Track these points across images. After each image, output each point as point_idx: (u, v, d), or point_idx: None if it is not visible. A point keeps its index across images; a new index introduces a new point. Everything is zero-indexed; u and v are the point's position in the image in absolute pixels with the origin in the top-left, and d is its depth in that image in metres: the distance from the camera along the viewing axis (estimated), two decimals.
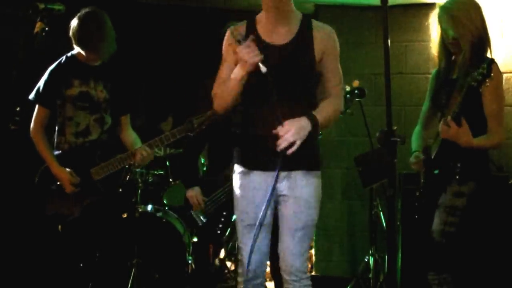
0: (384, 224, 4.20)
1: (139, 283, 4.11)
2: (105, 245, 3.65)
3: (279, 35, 2.67)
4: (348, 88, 3.54)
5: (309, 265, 5.24)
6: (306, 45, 2.66)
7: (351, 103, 3.54)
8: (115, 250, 3.86)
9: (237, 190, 2.73)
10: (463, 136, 2.90)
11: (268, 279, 4.58)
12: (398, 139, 2.61)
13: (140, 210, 4.33)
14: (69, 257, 3.52)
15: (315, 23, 2.74)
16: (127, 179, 4.34)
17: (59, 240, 3.53)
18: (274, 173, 2.58)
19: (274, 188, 2.60)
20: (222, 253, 4.82)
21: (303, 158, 2.61)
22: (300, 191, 2.63)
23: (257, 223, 2.63)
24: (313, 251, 5.19)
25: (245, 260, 2.68)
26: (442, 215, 3.01)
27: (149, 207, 4.48)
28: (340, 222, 5.08)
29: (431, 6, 4.75)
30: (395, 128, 2.65)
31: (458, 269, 3.05)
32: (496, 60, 3.03)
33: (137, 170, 4.34)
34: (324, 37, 2.69)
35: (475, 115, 2.97)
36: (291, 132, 2.49)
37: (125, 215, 4.39)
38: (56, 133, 3.54)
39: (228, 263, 5.01)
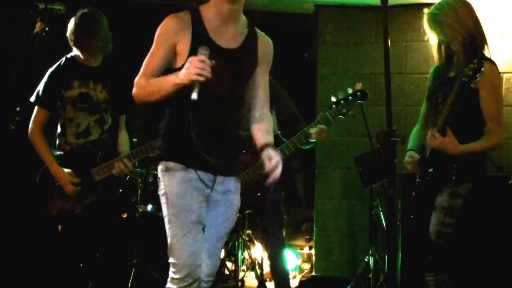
0: (384, 224, 4.20)
1: (139, 283, 4.11)
2: (105, 245, 3.65)
3: (229, 37, 2.54)
4: (350, 91, 3.55)
5: (309, 265, 5.24)
6: (253, 51, 2.59)
7: (353, 105, 3.54)
8: (115, 250, 3.86)
9: (174, 186, 2.50)
10: (449, 145, 2.91)
11: (267, 279, 4.59)
12: (398, 139, 2.61)
13: (140, 210, 4.33)
14: (69, 257, 3.52)
15: (257, 29, 2.64)
16: (127, 179, 4.35)
17: (59, 240, 3.53)
18: (210, 175, 2.53)
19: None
20: (222, 253, 4.83)
21: (235, 164, 2.62)
22: (231, 197, 2.61)
23: (198, 221, 2.50)
24: (313, 251, 5.19)
25: (187, 262, 2.48)
26: (439, 216, 3.01)
27: (149, 207, 4.48)
28: (340, 222, 5.08)
29: (431, 6, 4.74)
30: (395, 128, 2.64)
31: (456, 269, 3.05)
32: (496, 60, 3.03)
33: (137, 170, 4.35)
34: (265, 47, 2.62)
35: (471, 116, 2.98)
36: (279, 170, 2.47)
37: (125, 215, 4.40)
38: (57, 134, 3.54)
39: (228, 263, 5.01)
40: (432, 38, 3.15)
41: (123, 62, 3.59)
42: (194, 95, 2.32)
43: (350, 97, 3.52)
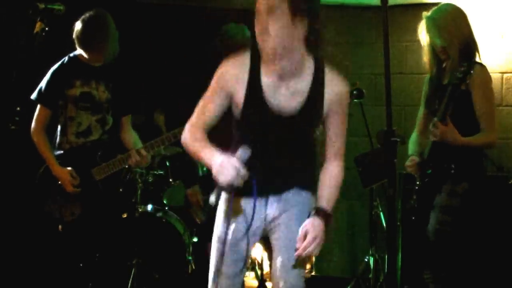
0: (384, 224, 4.20)
1: (139, 283, 4.11)
2: (105, 245, 3.65)
3: (287, 95, 2.26)
4: None
5: (309, 265, 5.24)
6: (318, 106, 2.29)
7: (350, 104, 3.55)
8: (115, 250, 3.86)
9: (220, 214, 2.42)
10: (450, 134, 2.94)
11: (268, 279, 4.59)
12: (398, 139, 2.62)
13: (140, 210, 4.32)
14: (69, 257, 3.52)
15: (328, 70, 2.35)
16: (127, 179, 4.35)
17: (59, 240, 3.53)
18: (261, 199, 2.35)
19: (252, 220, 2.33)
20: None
21: (295, 177, 2.39)
22: (292, 208, 2.38)
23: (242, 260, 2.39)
24: None
25: None
26: (437, 215, 3.04)
27: (149, 207, 4.48)
28: (340, 222, 5.07)
29: (431, 6, 4.74)
30: (395, 128, 2.65)
31: (454, 268, 3.06)
32: (496, 60, 3.07)
33: (137, 170, 4.34)
34: (335, 92, 2.33)
35: (465, 118, 3.01)
36: (312, 246, 2.35)
37: (125, 215, 4.39)
38: (58, 133, 3.54)
39: None
40: (423, 41, 3.20)
41: (126, 62, 3.59)
42: (212, 199, 2.21)
43: None
